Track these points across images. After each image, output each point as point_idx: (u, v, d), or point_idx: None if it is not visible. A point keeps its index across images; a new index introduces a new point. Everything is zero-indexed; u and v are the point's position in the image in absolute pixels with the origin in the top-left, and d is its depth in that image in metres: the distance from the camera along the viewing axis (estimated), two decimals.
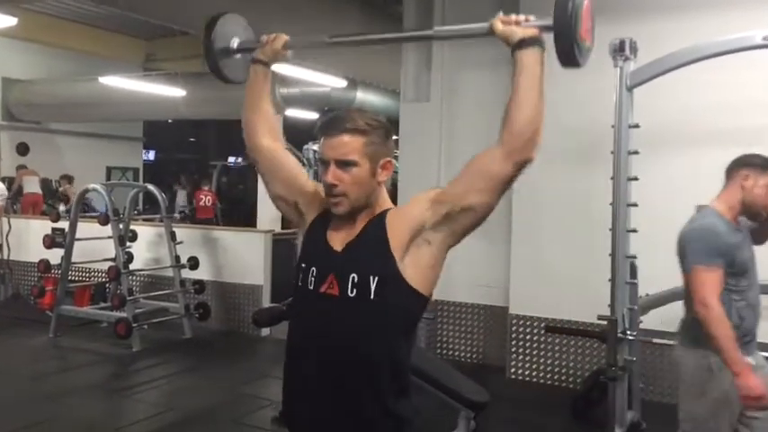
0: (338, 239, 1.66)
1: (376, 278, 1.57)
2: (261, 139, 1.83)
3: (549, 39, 1.57)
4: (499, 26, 1.59)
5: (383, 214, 1.65)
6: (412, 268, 1.58)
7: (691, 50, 3.39)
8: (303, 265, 1.68)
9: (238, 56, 1.99)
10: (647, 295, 3.92)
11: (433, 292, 1.65)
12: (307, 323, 1.68)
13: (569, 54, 1.57)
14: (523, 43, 1.54)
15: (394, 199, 1.73)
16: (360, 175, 1.60)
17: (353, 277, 1.58)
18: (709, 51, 3.36)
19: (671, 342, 4.29)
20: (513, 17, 1.58)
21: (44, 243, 6.41)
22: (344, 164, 1.59)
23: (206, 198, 12.29)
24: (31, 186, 10.33)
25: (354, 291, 1.58)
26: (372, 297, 1.57)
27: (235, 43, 1.99)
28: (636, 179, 3.58)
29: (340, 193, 1.60)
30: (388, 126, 1.66)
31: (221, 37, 1.97)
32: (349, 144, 1.59)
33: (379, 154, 1.63)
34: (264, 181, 1.87)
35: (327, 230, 1.69)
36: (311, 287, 1.64)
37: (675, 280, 3.92)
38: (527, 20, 1.58)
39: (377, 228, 1.62)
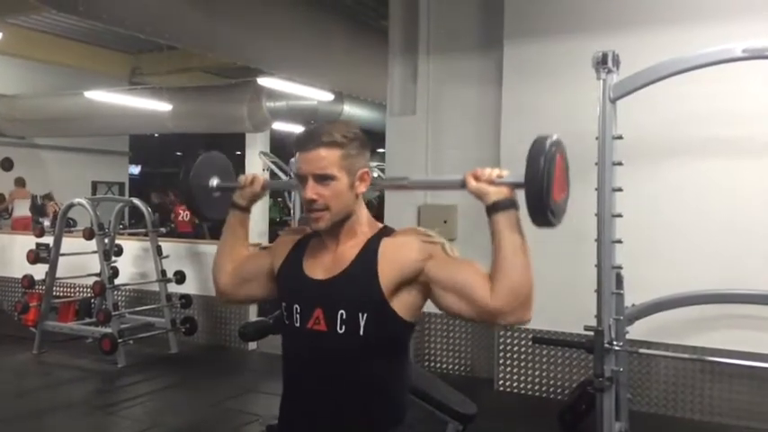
0: (320, 267, 1.64)
1: (365, 315, 1.55)
2: (224, 281, 1.85)
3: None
4: (472, 183, 1.58)
5: (376, 242, 1.61)
6: (400, 302, 1.58)
7: (672, 63, 3.43)
8: (284, 303, 1.66)
9: (218, 194, 2.01)
10: (633, 305, 3.94)
11: (418, 318, 1.66)
12: (298, 358, 1.66)
13: (542, 218, 1.55)
14: (498, 207, 1.54)
15: (381, 213, 1.72)
16: (339, 188, 1.58)
17: (342, 314, 1.56)
18: (690, 64, 3.40)
19: (657, 352, 4.33)
20: (487, 173, 1.57)
21: (28, 258, 6.35)
22: (322, 178, 1.57)
23: (184, 213, 12.25)
24: (22, 209, 10.26)
25: (343, 327, 1.56)
26: (362, 333, 1.56)
27: (214, 182, 2.01)
28: (620, 190, 3.60)
29: (321, 207, 1.58)
30: (363, 137, 1.65)
31: (200, 177, 2.00)
32: (326, 158, 1.57)
33: (357, 166, 1.61)
34: (248, 299, 1.92)
35: (303, 260, 1.68)
36: (297, 324, 1.63)
37: (660, 290, 3.97)
38: (499, 176, 1.56)
39: (367, 259, 1.59)
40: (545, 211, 1.54)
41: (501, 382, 5.11)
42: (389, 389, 1.63)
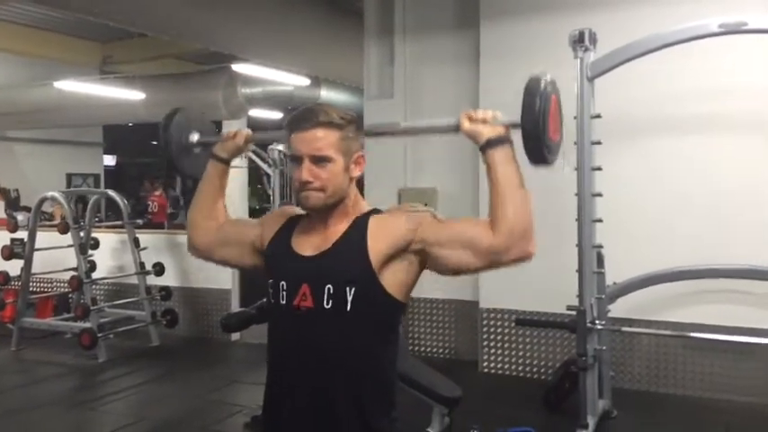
0: (309, 244, 1.60)
1: (353, 289, 1.51)
2: (201, 238, 1.79)
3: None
4: (466, 124, 1.55)
5: (364, 219, 1.58)
6: (390, 278, 1.54)
7: (649, 40, 3.42)
8: (271, 280, 1.61)
9: (198, 150, 1.91)
10: (615, 284, 3.96)
11: (408, 299, 1.62)
12: (284, 338, 1.62)
13: (539, 155, 1.55)
14: (492, 143, 1.51)
15: (361, 195, 1.69)
16: (335, 170, 1.54)
17: (329, 288, 1.52)
18: (667, 40, 3.40)
19: (639, 330, 4.36)
20: (480, 114, 1.54)
21: (2, 254, 6.23)
22: (319, 159, 1.52)
23: (153, 204, 12.15)
24: None
25: (330, 302, 1.52)
26: (349, 309, 1.52)
27: (194, 138, 1.91)
28: (599, 169, 3.61)
29: (316, 188, 1.53)
30: (359, 120, 1.61)
31: (179, 132, 1.90)
32: (324, 138, 1.52)
33: (353, 148, 1.57)
34: (221, 262, 1.83)
35: (292, 238, 1.63)
36: (283, 301, 1.58)
37: (640, 268, 3.99)
38: (494, 117, 1.54)
39: (356, 234, 1.56)
40: (541, 148, 1.54)
41: (485, 364, 5.13)
42: (379, 369, 1.58)
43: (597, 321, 3.62)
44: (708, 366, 4.44)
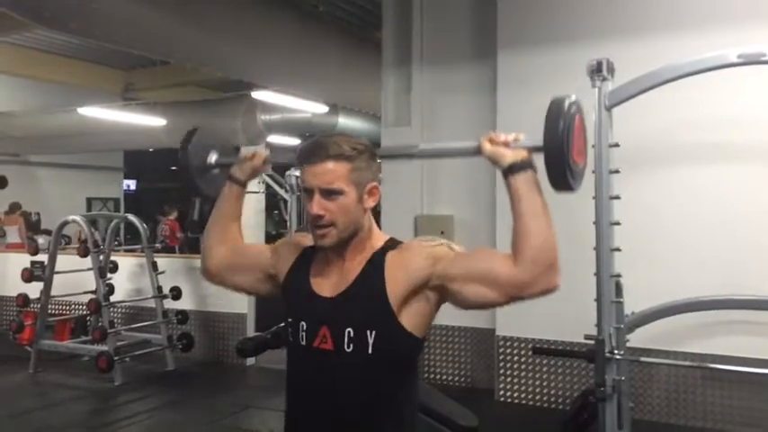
0: (327, 284, 1.58)
1: (373, 332, 1.49)
2: (216, 263, 1.79)
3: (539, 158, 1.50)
4: (488, 146, 1.51)
5: (381, 255, 1.55)
6: (409, 317, 1.51)
7: (667, 70, 3.42)
8: (290, 319, 1.60)
9: (216, 171, 1.91)
10: (633, 313, 3.91)
11: (427, 333, 1.60)
12: (303, 378, 1.60)
13: (562, 180, 1.50)
14: (515, 168, 1.46)
15: (377, 224, 1.69)
16: (346, 203, 1.51)
17: (349, 332, 1.50)
18: (685, 70, 3.40)
19: (658, 360, 4.30)
20: (502, 137, 1.50)
21: (23, 277, 6.29)
22: (330, 192, 1.50)
23: (165, 228, 12.27)
24: (13, 236, 10.15)
25: (351, 346, 1.50)
26: (371, 352, 1.50)
27: (212, 158, 1.91)
28: (618, 198, 3.59)
29: (327, 223, 1.51)
30: (372, 149, 1.58)
31: (198, 151, 1.90)
32: (334, 171, 1.50)
33: (365, 179, 1.54)
34: (235, 288, 1.82)
35: (310, 274, 1.61)
36: (303, 342, 1.56)
37: (659, 297, 3.95)
38: (516, 139, 1.50)
39: (374, 272, 1.53)
40: (565, 173, 1.48)
41: (501, 393, 5.07)
42: (400, 410, 1.56)
43: (616, 351, 3.57)
44: (727, 398, 4.36)
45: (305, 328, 1.56)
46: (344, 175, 1.51)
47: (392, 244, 1.60)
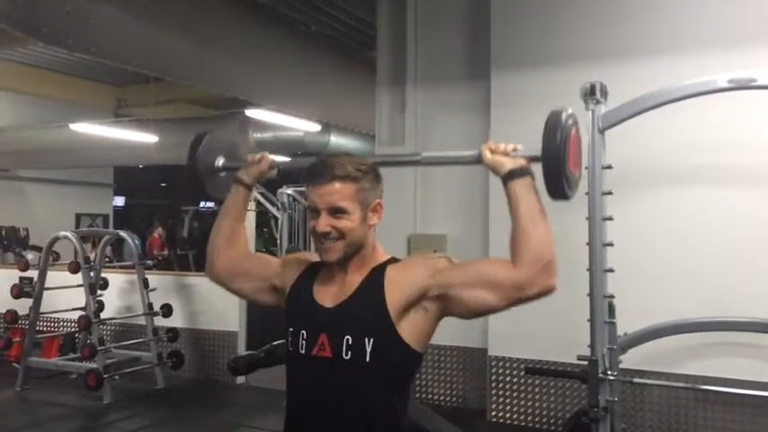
0: (329, 295, 1.62)
1: (371, 340, 1.53)
2: (221, 265, 1.82)
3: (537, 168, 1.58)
4: (488, 155, 1.59)
5: (381, 270, 1.61)
6: (408, 328, 1.55)
7: (660, 94, 3.48)
8: (291, 329, 1.63)
9: (223, 174, 1.98)
10: (626, 334, 3.93)
11: (425, 349, 1.63)
12: (302, 387, 1.63)
13: (559, 188, 1.58)
14: (514, 174, 1.54)
15: None
16: (352, 222, 1.58)
17: (348, 339, 1.54)
18: (677, 95, 3.46)
19: (652, 381, 4.31)
20: (502, 146, 1.59)
21: (12, 293, 6.22)
22: (336, 211, 1.56)
23: (146, 243, 12.25)
24: None
25: (349, 353, 1.54)
26: (368, 360, 1.53)
27: (220, 162, 1.98)
28: (611, 219, 3.62)
29: (335, 238, 1.57)
30: (376, 170, 1.65)
31: (206, 155, 1.97)
32: (340, 191, 1.56)
33: (370, 198, 1.61)
34: (236, 292, 1.86)
35: (314, 286, 1.66)
36: (302, 351, 1.60)
37: (652, 318, 3.97)
38: (515, 149, 1.58)
39: (374, 285, 1.58)
40: (561, 181, 1.56)
41: (494, 413, 5.06)
42: (397, 419, 1.59)
43: (609, 372, 3.59)
44: (720, 421, 4.37)
45: (305, 336, 1.60)
46: (350, 196, 1.57)
47: (393, 260, 1.67)
